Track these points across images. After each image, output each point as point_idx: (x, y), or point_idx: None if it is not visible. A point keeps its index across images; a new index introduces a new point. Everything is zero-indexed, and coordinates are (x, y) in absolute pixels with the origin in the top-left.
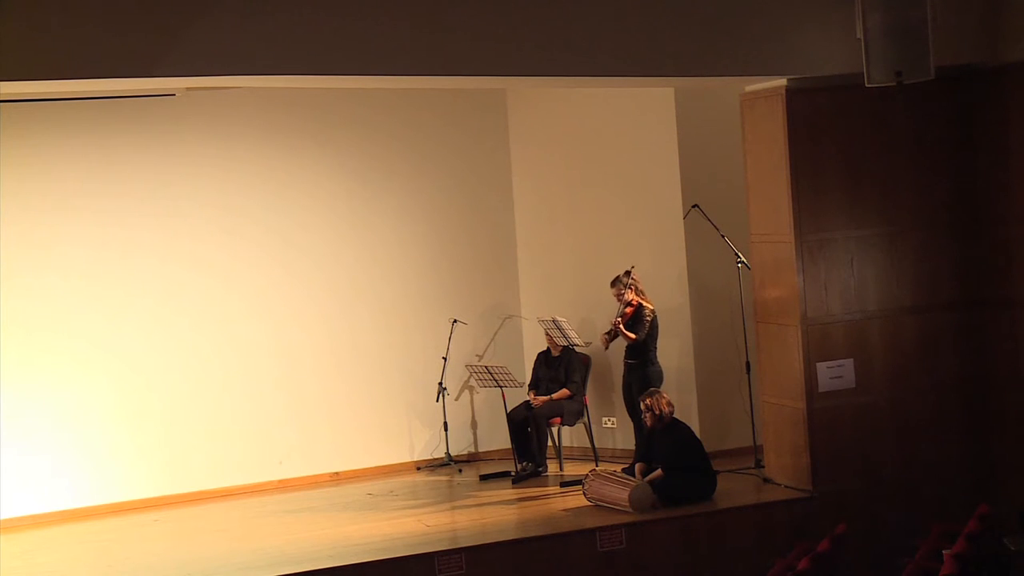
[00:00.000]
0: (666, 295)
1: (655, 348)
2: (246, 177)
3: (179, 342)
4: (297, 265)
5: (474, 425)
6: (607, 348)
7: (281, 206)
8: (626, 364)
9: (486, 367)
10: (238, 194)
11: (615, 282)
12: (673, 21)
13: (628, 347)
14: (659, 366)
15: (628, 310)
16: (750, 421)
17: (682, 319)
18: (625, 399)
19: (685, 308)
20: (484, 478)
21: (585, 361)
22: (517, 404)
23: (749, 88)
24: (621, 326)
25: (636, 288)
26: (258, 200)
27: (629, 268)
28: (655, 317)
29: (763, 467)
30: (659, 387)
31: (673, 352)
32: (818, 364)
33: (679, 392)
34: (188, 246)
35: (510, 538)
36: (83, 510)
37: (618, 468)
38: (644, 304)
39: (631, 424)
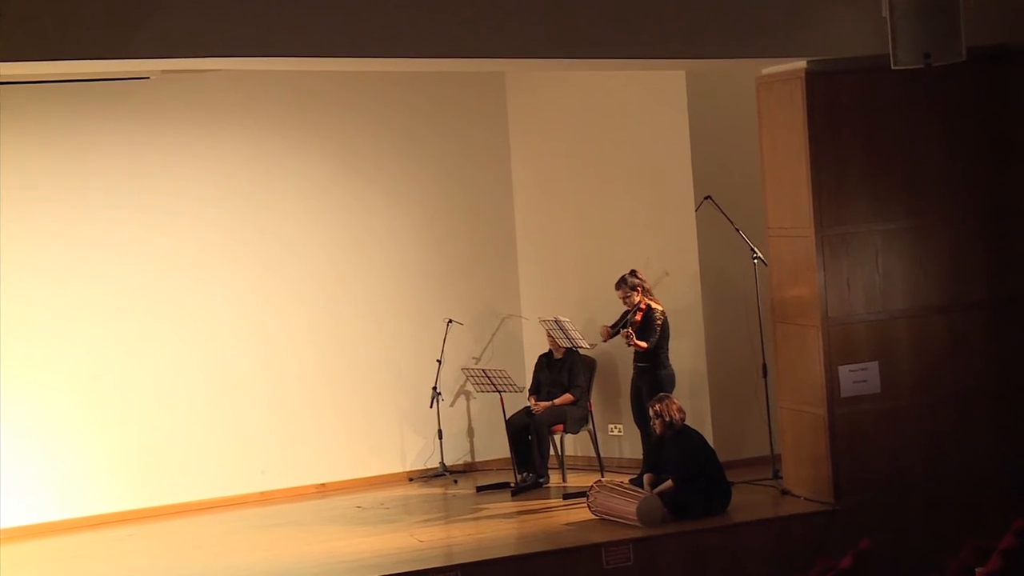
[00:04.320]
0: (677, 293)
1: (667, 350)
2: (226, 167)
3: (154, 344)
4: (280, 260)
5: (471, 433)
6: (605, 341)
7: (264, 198)
8: (636, 367)
9: (483, 370)
10: (217, 186)
11: (620, 283)
12: None
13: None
14: (671, 369)
15: (638, 316)
16: (767, 429)
17: (694, 319)
18: (633, 404)
19: (697, 307)
20: (481, 489)
21: (589, 364)
22: (517, 410)
23: (766, 71)
24: (634, 338)
25: (643, 288)
26: (239, 192)
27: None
28: (666, 319)
29: (781, 478)
30: (671, 391)
31: (685, 354)
32: (840, 367)
33: (691, 397)
34: (164, 242)
35: (509, 554)
36: (52, 524)
37: (625, 479)
38: (653, 306)
39: (639, 432)
